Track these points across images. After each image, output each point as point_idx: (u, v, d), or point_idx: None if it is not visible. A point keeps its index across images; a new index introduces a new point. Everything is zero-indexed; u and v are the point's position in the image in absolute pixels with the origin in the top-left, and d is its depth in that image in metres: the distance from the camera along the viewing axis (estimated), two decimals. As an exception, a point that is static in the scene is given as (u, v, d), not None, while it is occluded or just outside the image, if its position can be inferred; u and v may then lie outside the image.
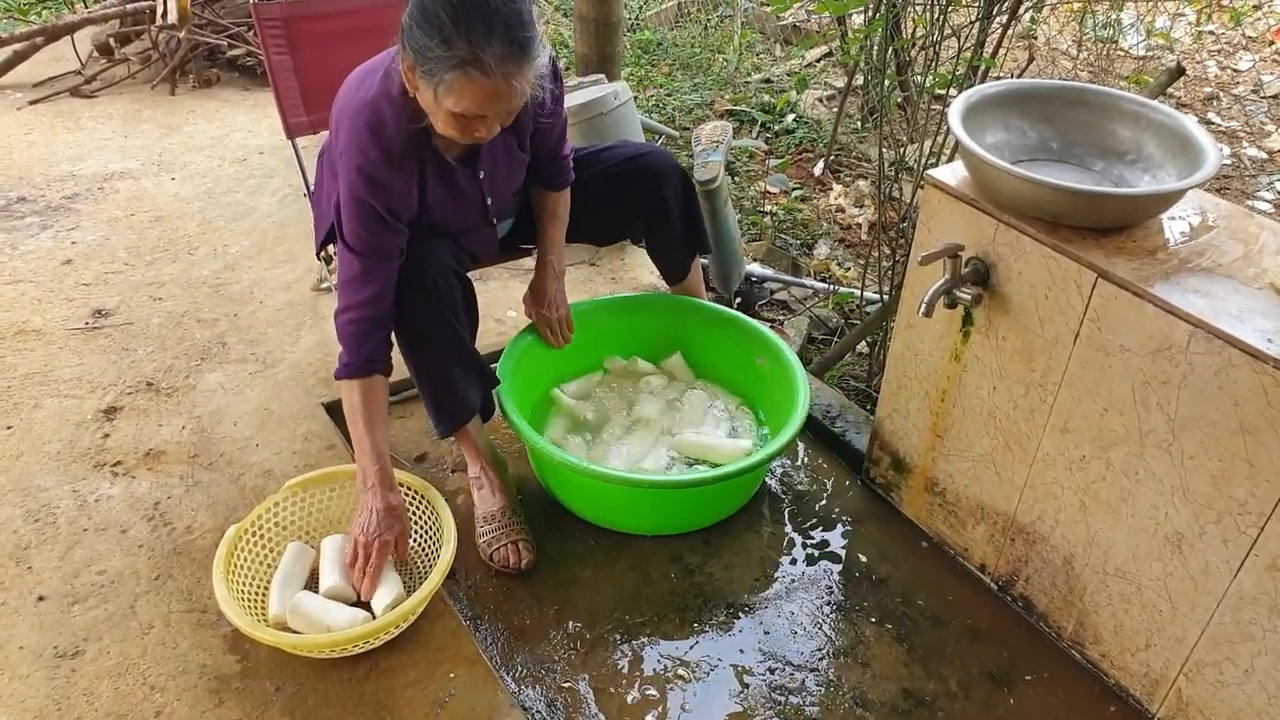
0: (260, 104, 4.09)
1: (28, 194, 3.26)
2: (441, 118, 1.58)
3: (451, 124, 1.58)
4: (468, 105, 1.53)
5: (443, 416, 1.87)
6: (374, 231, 1.69)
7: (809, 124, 4.21)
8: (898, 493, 2.05)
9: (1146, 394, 1.42)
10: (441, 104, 1.54)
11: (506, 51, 1.48)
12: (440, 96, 1.52)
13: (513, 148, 1.88)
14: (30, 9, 5.29)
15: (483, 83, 1.50)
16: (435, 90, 1.52)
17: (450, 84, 1.50)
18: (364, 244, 1.70)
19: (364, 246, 1.70)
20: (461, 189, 1.82)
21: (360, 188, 1.66)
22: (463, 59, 1.47)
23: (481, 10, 1.46)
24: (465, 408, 1.87)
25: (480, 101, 1.53)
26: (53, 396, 2.31)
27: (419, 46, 1.50)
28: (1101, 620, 1.65)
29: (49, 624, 1.74)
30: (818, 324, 2.91)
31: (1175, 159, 1.57)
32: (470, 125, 1.58)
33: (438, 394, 1.85)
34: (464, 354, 1.84)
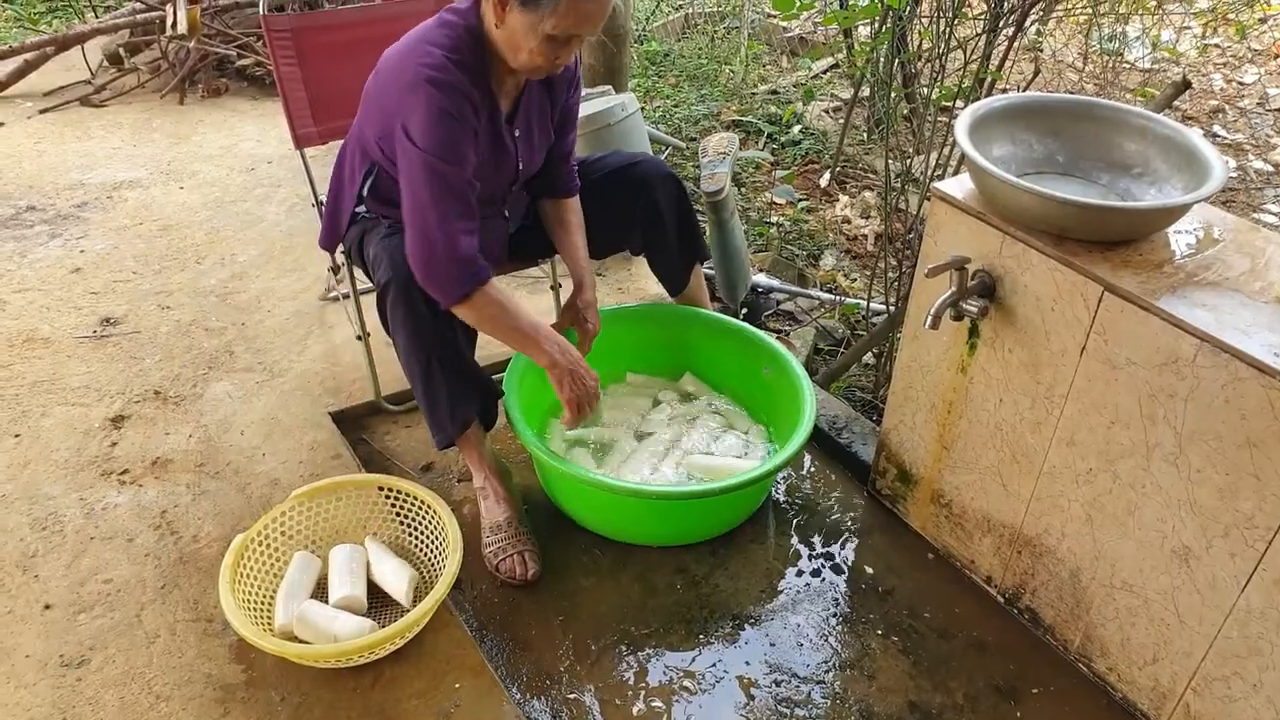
0: (268, 114, 4.11)
1: (37, 203, 3.28)
2: (535, 44, 1.62)
3: (543, 50, 1.63)
4: (572, 23, 1.60)
5: (439, 427, 1.87)
6: (456, 136, 1.66)
7: (815, 135, 4.22)
8: (904, 504, 2.04)
9: (1153, 407, 1.42)
10: (541, 27, 1.59)
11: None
12: (545, 17, 1.58)
13: (546, 116, 1.91)
14: (41, 18, 5.33)
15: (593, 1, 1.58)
16: (540, 11, 1.58)
17: (567, 2, 1.56)
18: (448, 148, 1.65)
19: (448, 151, 1.65)
20: (504, 145, 1.84)
21: (438, 95, 1.63)
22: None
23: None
24: (461, 419, 1.86)
25: (587, 17, 1.61)
26: (61, 405, 2.31)
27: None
28: (1108, 633, 1.65)
29: (55, 633, 1.74)
30: (824, 335, 2.92)
31: (1181, 173, 1.57)
32: (560, 50, 1.65)
33: (434, 405, 1.85)
34: (461, 365, 1.84)
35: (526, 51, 1.64)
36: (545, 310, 2.57)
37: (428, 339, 1.77)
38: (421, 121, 1.64)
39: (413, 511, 1.89)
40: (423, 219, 1.67)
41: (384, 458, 2.22)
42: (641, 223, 2.11)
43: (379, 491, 1.92)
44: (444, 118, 1.64)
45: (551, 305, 2.54)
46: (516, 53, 1.66)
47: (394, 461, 2.20)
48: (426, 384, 1.83)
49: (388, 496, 1.91)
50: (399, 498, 1.90)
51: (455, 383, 1.83)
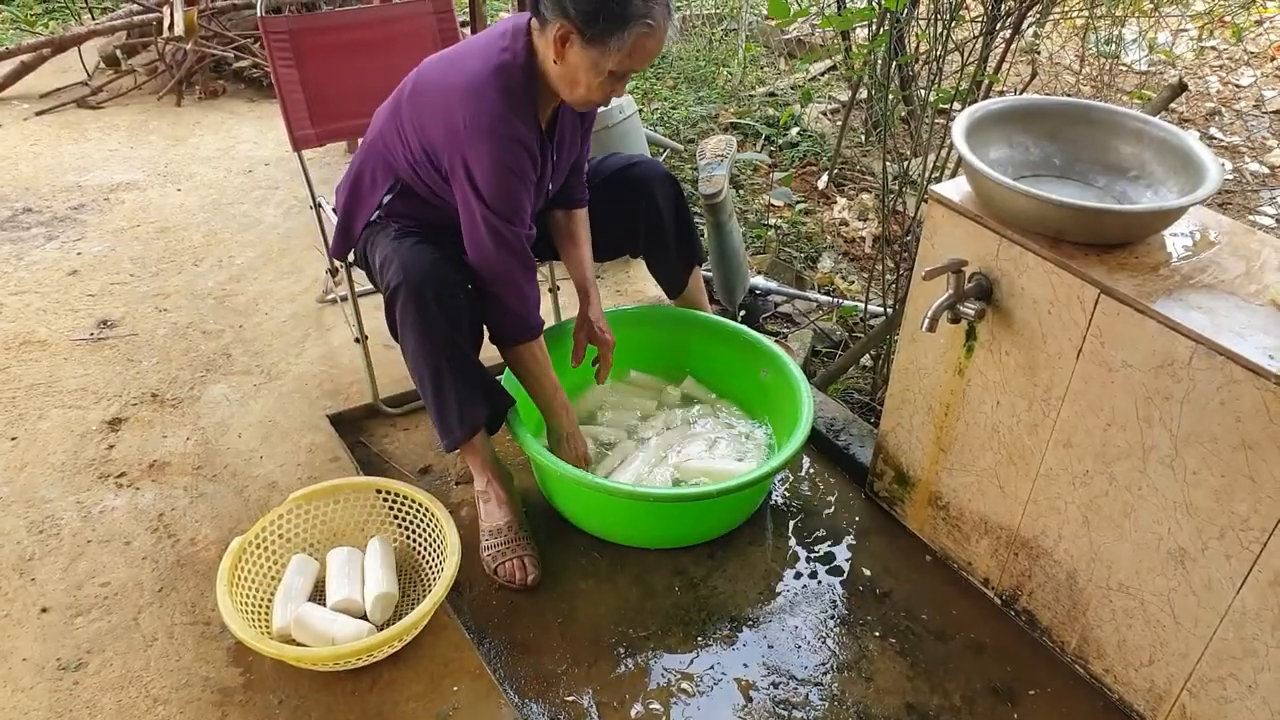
0: (266, 115, 4.11)
1: (34, 205, 3.28)
2: (596, 81, 1.66)
3: (602, 86, 1.67)
4: (637, 61, 1.64)
5: (448, 431, 1.87)
6: (516, 191, 1.73)
7: (813, 137, 4.22)
8: (901, 506, 2.05)
9: (1149, 409, 1.43)
10: (605, 64, 1.63)
11: (665, 9, 1.64)
12: (610, 55, 1.62)
13: (576, 133, 1.94)
14: (38, 20, 5.33)
15: (657, 36, 1.63)
16: (606, 50, 1.61)
17: (626, 40, 1.61)
18: (509, 205, 1.73)
19: (509, 208, 1.73)
20: (545, 170, 1.86)
21: (504, 149, 1.69)
22: (640, 15, 1.60)
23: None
24: (470, 423, 1.87)
25: (648, 55, 1.65)
26: (57, 407, 2.31)
27: (591, 9, 1.58)
28: (1105, 635, 1.65)
29: (52, 636, 1.74)
30: (821, 337, 2.92)
31: (1177, 176, 1.57)
32: (616, 85, 1.69)
33: (443, 409, 1.85)
34: (469, 369, 1.84)
35: (585, 87, 1.68)
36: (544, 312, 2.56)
37: (439, 343, 1.78)
38: (485, 176, 1.69)
39: (411, 514, 1.89)
40: (488, 271, 1.79)
41: (382, 460, 2.22)
42: (643, 224, 2.11)
43: (377, 494, 1.92)
44: (507, 173, 1.70)
45: (550, 308, 2.54)
46: (574, 88, 1.69)
47: (392, 464, 2.20)
48: (437, 388, 1.83)
49: (386, 499, 1.91)
50: (397, 501, 1.90)
51: (465, 387, 1.84)
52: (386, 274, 1.79)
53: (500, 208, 1.72)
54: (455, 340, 1.79)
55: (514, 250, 1.77)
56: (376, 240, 1.88)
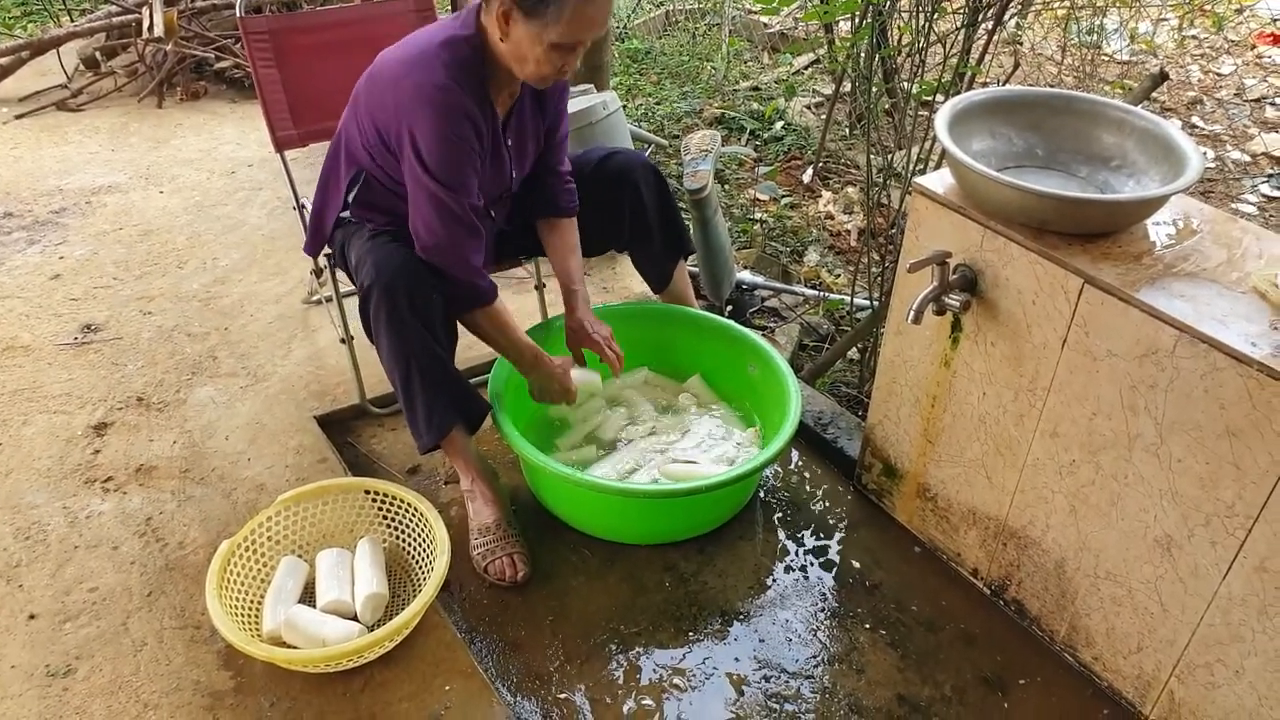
0: (248, 116, 4.09)
1: (14, 209, 3.25)
2: (540, 53, 1.64)
3: (549, 58, 1.65)
4: (577, 29, 1.62)
5: (418, 433, 1.87)
6: (461, 160, 1.70)
7: (798, 131, 4.23)
8: (890, 499, 2.05)
9: (1134, 398, 1.44)
10: (546, 36, 1.61)
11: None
12: (549, 27, 1.60)
13: (538, 123, 1.93)
14: (15, 23, 5.28)
15: (599, 4, 1.62)
16: (544, 20, 1.59)
17: (564, 8, 1.58)
18: (453, 175, 1.70)
19: (454, 178, 1.71)
20: (501, 155, 1.86)
21: (446, 119, 1.67)
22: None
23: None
24: (439, 426, 1.86)
25: (590, 23, 1.63)
26: (42, 413, 2.30)
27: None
28: (1093, 623, 1.66)
29: (40, 642, 1.73)
30: (809, 331, 2.92)
31: (1159, 165, 1.58)
32: (565, 56, 1.66)
33: (413, 411, 1.85)
34: (440, 371, 1.83)
35: (533, 61, 1.66)
36: (531, 310, 2.56)
37: (409, 343, 1.77)
38: (429, 144, 1.67)
39: (399, 515, 1.88)
40: (434, 242, 1.75)
41: (370, 461, 2.21)
42: (627, 216, 2.10)
43: (365, 495, 1.91)
44: (449, 142, 1.68)
45: (536, 306, 2.54)
46: (523, 64, 1.68)
47: (380, 464, 2.20)
48: (406, 389, 1.83)
49: (374, 500, 1.91)
50: (385, 501, 1.89)
51: (434, 389, 1.83)
52: (360, 274, 1.79)
53: (445, 177, 1.69)
54: (427, 341, 1.78)
55: (460, 220, 1.74)
56: (352, 240, 1.87)
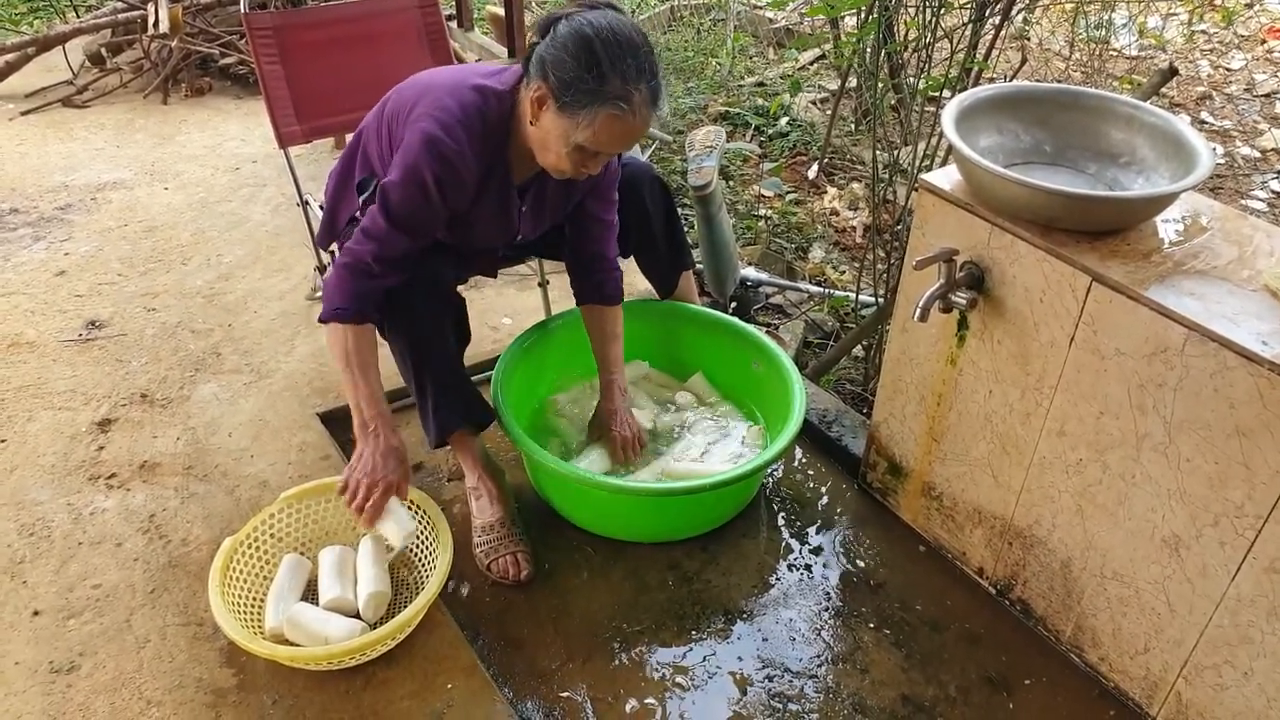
0: (252, 113, 4.08)
1: (20, 205, 3.25)
2: (565, 150, 1.61)
3: (571, 157, 1.62)
4: (604, 141, 1.59)
5: (428, 429, 1.87)
6: (419, 205, 1.67)
7: (803, 127, 4.21)
8: (895, 497, 2.04)
9: (1142, 397, 1.42)
10: (574, 136, 1.58)
11: (649, 94, 1.58)
12: (579, 129, 1.57)
13: (560, 198, 1.90)
14: (21, 19, 5.28)
15: (628, 122, 1.57)
16: (575, 122, 1.56)
17: (596, 118, 1.55)
18: (403, 212, 1.67)
19: (402, 214, 1.67)
20: (508, 214, 1.84)
21: (429, 159, 1.64)
22: (615, 95, 1.55)
23: (633, 53, 1.55)
24: (446, 424, 1.86)
25: (617, 139, 1.60)
26: (47, 409, 2.30)
27: (568, 78, 1.54)
28: (1100, 624, 1.65)
29: (44, 639, 1.73)
30: (813, 328, 2.91)
31: (1169, 161, 1.57)
32: (587, 161, 1.64)
33: (425, 406, 1.85)
34: (450, 370, 1.84)
35: (554, 155, 1.64)
36: (533, 309, 2.56)
37: (421, 341, 1.78)
38: (403, 173, 1.65)
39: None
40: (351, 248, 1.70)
41: (373, 458, 2.20)
42: (633, 226, 2.10)
43: (369, 492, 1.90)
44: (419, 189, 1.65)
45: (539, 303, 2.53)
46: (544, 152, 1.66)
47: (384, 461, 2.19)
48: (419, 386, 1.83)
49: (377, 497, 1.90)
50: (389, 498, 1.89)
51: (445, 387, 1.83)
52: None
53: (394, 202, 1.66)
54: (437, 340, 1.78)
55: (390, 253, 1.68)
56: None
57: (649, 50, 1.59)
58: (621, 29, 1.56)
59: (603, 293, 2.03)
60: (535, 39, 1.62)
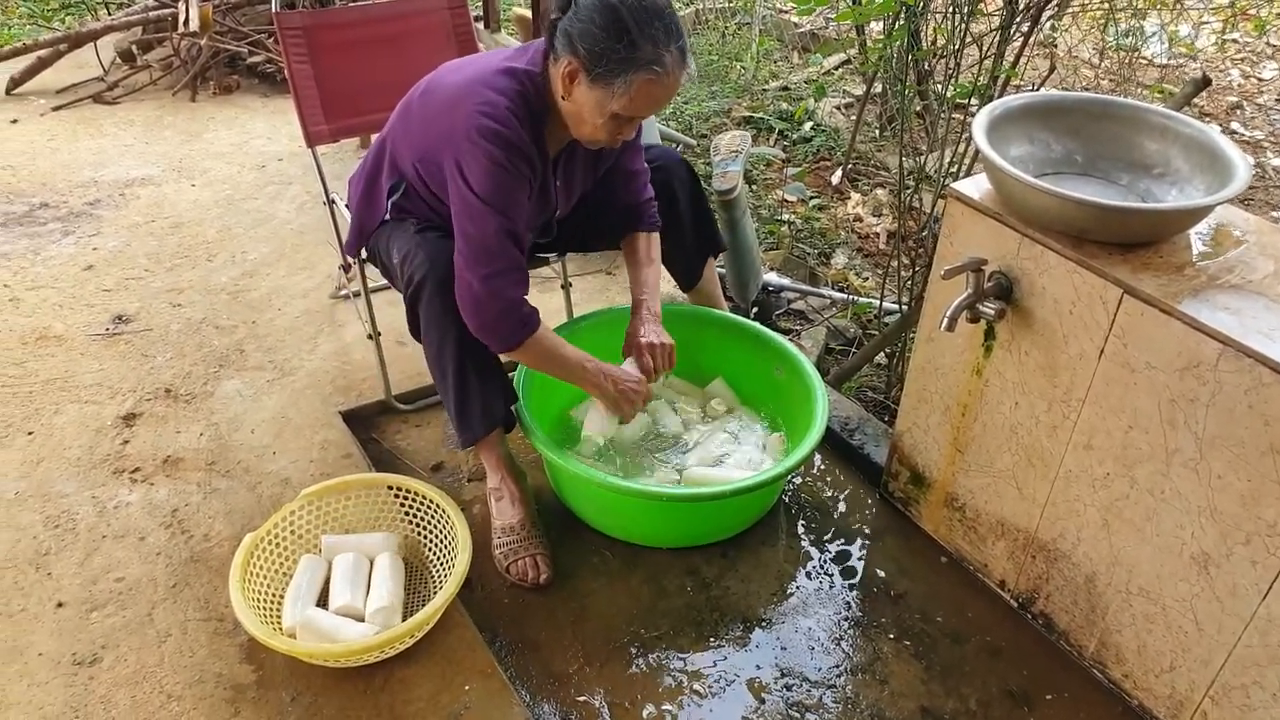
0: (279, 111, 4.11)
1: (50, 200, 3.29)
2: (600, 120, 1.63)
3: (607, 127, 1.65)
4: (641, 106, 1.61)
5: (467, 427, 1.86)
6: (513, 188, 1.68)
7: (827, 132, 4.19)
8: (916, 507, 2.03)
9: (1173, 412, 1.40)
10: (609, 105, 1.60)
11: (679, 53, 1.61)
12: (614, 98, 1.59)
13: (589, 166, 1.91)
14: (54, 15, 5.34)
15: (664, 83, 1.60)
16: (610, 91, 1.59)
17: (632, 84, 1.58)
18: (505, 200, 1.67)
19: (505, 202, 1.67)
20: (546, 189, 1.84)
21: (498, 149, 1.63)
22: (648, 60, 1.57)
23: (659, 15, 1.58)
24: (490, 420, 1.86)
25: (654, 102, 1.62)
26: (73, 402, 2.32)
27: (598, 50, 1.56)
28: (1124, 640, 1.63)
29: (68, 630, 1.74)
30: (835, 334, 2.90)
31: (1204, 173, 1.55)
32: (622, 127, 1.66)
33: (464, 405, 1.84)
34: (491, 365, 1.83)
35: (590, 126, 1.66)
36: (555, 310, 2.56)
37: (464, 337, 1.77)
38: (479, 173, 1.65)
39: (422, 511, 1.88)
40: (476, 267, 1.68)
41: (394, 457, 2.21)
42: (661, 211, 2.09)
43: (389, 491, 1.91)
44: (501, 171, 1.65)
45: (562, 304, 2.53)
46: (580, 125, 1.68)
47: (404, 461, 2.20)
48: (460, 383, 1.82)
49: (397, 496, 1.91)
50: (409, 497, 1.89)
51: (487, 382, 1.83)
52: (409, 267, 1.77)
53: (494, 200, 1.66)
54: (477, 346, 1.78)
55: (505, 251, 1.69)
56: (395, 235, 1.86)
57: (672, 10, 1.61)
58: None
59: (642, 221, 2.04)
60: (556, 13, 1.63)
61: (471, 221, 1.68)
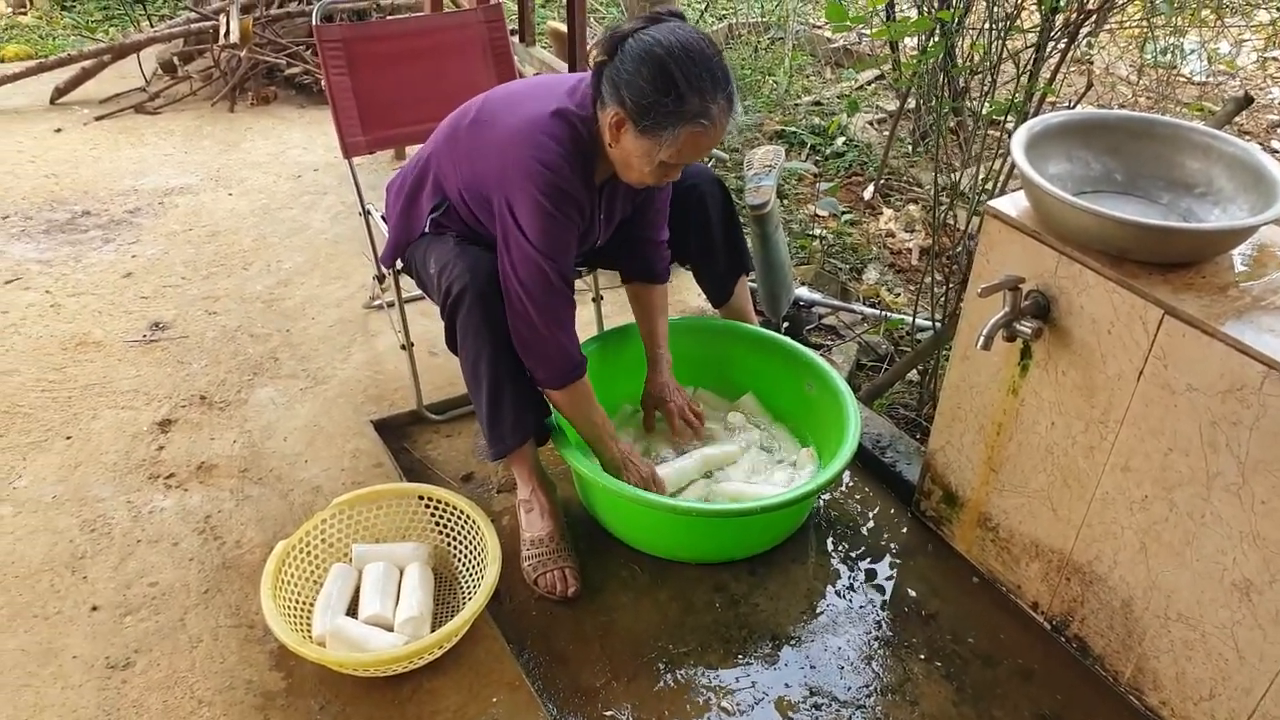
0: (315, 121, 4.16)
1: (92, 208, 3.35)
2: (648, 168, 1.65)
3: (655, 173, 1.66)
4: (689, 154, 1.63)
5: (499, 439, 1.87)
6: (562, 232, 1.71)
7: (859, 147, 4.18)
8: (949, 526, 2.00)
9: (1215, 435, 1.38)
10: (656, 154, 1.62)
11: (726, 102, 1.61)
12: (663, 148, 1.60)
13: (629, 195, 1.92)
14: (98, 27, 5.45)
15: (711, 134, 1.61)
16: (659, 142, 1.60)
17: (679, 136, 1.59)
18: (554, 245, 1.70)
19: (554, 248, 1.70)
20: (592, 224, 1.86)
21: (551, 198, 1.66)
22: (695, 114, 1.58)
23: (706, 66, 1.58)
24: (523, 432, 1.87)
25: (701, 149, 1.64)
26: (110, 408, 2.35)
27: (646, 103, 1.57)
28: (1162, 666, 1.60)
29: (101, 634, 1.76)
30: (866, 350, 2.88)
31: (1247, 193, 1.52)
32: (669, 172, 1.68)
33: (498, 417, 1.85)
34: (524, 377, 1.84)
35: (638, 172, 1.68)
36: (587, 322, 2.55)
37: (501, 348, 1.78)
38: (530, 217, 1.67)
39: (452, 521, 1.89)
40: (527, 311, 1.72)
41: (425, 467, 2.22)
42: (693, 230, 2.09)
43: (419, 501, 1.92)
44: (553, 218, 1.68)
45: (593, 317, 2.53)
46: (628, 170, 1.69)
47: (434, 471, 2.21)
48: (494, 394, 1.82)
49: (428, 506, 1.91)
50: (439, 507, 1.90)
51: (522, 394, 1.84)
52: (447, 278, 1.77)
53: (546, 247, 1.69)
54: (512, 350, 1.79)
55: (556, 291, 1.73)
56: (432, 246, 1.87)
57: (719, 57, 1.60)
58: (692, 44, 1.57)
59: (653, 271, 2.05)
60: (601, 57, 1.62)
61: (524, 270, 1.70)
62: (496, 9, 2.43)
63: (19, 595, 1.83)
